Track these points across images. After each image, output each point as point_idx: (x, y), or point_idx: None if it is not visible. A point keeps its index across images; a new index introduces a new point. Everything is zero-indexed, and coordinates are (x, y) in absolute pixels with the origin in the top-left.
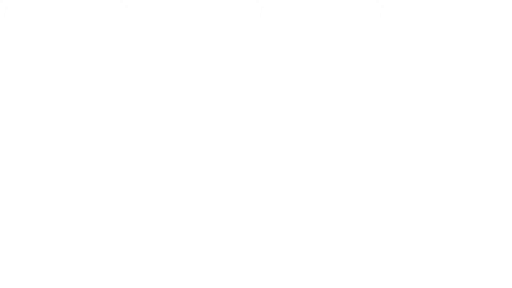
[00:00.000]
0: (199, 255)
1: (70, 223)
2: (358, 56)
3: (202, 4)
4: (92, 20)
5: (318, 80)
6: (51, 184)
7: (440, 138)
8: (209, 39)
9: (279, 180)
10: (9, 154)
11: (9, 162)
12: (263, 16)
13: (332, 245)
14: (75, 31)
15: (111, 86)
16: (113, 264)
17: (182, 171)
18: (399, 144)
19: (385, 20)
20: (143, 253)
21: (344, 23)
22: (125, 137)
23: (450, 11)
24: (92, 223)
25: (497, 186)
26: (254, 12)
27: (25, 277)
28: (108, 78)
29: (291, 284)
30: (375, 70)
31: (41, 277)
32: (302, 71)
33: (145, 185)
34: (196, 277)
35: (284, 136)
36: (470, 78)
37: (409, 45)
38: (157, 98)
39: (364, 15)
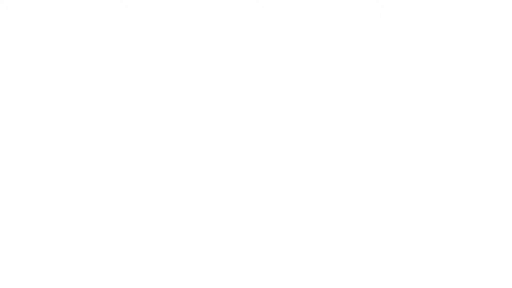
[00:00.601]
0: (199, 255)
1: (70, 223)
2: (358, 56)
3: (202, 4)
4: (92, 20)
5: (318, 80)
6: (51, 183)
7: (440, 138)
8: (209, 39)
9: (279, 180)
10: (9, 154)
11: (9, 162)
12: (263, 16)
13: (332, 245)
14: (75, 31)
15: (111, 86)
16: (113, 264)
17: (182, 170)
18: (399, 144)
19: (385, 20)
20: (143, 253)
21: (344, 23)
22: (125, 137)
23: (450, 11)
24: (92, 223)
25: (497, 186)
26: (254, 12)
27: (25, 277)
28: (108, 78)
29: (291, 284)
30: (375, 70)
31: (41, 277)
32: (302, 71)
33: (145, 185)
34: (196, 277)
35: (284, 136)
36: (470, 78)
37: (409, 45)
38: (157, 98)
39: (364, 15)
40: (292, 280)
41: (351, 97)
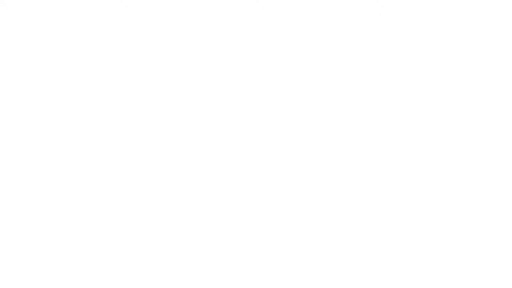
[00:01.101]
0: (199, 255)
1: (70, 223)
2: (358, 56)
3: (202, 4)
4: (92, 20)
5: (318, 80)
6: (51, 184)
7: (440, 138)
8: (209, 39)
9: (279, 180)
10: (9, 154)
11: (9, 162)
12: (263, 16)
13: (332, 245)
14: (75, 31)
15: (111, 86)
16: (113, 264)
17: (182, 171)
18: (399, 144)
19: (385, 20)
20: (143, 253)
21: (344, 23)
22: (125, 137)
23: (451, 11)
24: (92, 223)
25: (497, 186)
26: (254, 12)
27: (25, 277)
28: (108, 78)
29: (291, 284)
30: (375, 70)
31: (41, 277)
32: (302, 71)
33: (145, 185)
34: (196, 277)
35: (284, 136)
36: (470, 78)
37: (409, 45)
38: (157, 98)
39: (364, 15)
40: (292, 280)
41: (351, 97)
